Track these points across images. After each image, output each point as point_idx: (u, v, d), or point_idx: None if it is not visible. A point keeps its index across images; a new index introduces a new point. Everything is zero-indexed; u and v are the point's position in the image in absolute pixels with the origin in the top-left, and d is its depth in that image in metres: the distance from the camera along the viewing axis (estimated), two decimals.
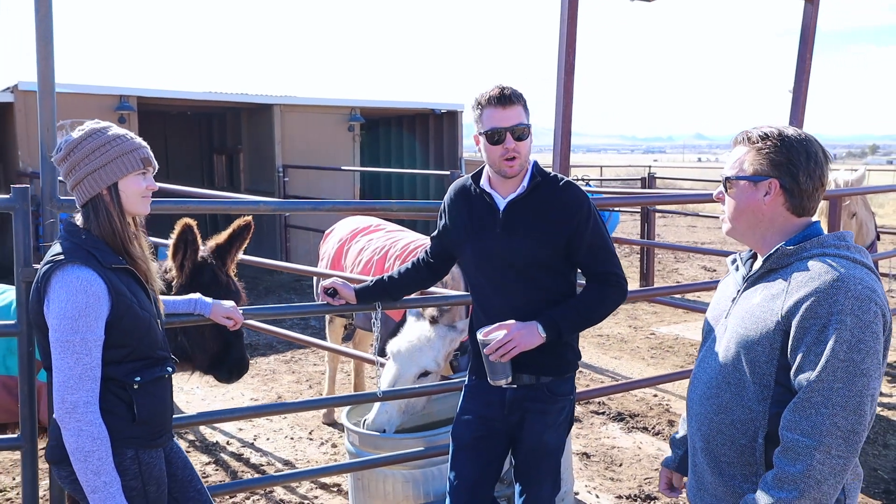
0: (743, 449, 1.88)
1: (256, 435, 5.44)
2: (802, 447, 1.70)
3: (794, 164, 1.88)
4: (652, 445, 5.28)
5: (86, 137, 2.17)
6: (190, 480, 2.45)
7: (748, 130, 1.98)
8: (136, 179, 2.22)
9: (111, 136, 2.18)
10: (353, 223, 5.57)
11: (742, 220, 1.97)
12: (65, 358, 2.04)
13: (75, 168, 2.16)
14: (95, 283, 2.07)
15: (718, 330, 2.02)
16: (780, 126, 1.95)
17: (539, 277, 2.66)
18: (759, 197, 1.92)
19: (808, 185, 1.89)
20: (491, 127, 2.56)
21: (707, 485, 1.98)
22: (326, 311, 3.12)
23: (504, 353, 2.52)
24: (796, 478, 1.71)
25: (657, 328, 8.73)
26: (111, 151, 2.16)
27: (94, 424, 2.06)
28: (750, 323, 1.87)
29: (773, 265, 1.89)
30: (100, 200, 2.18)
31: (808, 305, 1.74)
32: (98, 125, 2.21)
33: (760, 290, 1.90)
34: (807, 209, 1.93)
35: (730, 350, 1.92)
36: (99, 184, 2.16)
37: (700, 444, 1.99)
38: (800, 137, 1.91)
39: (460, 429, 2.85)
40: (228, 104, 12.18)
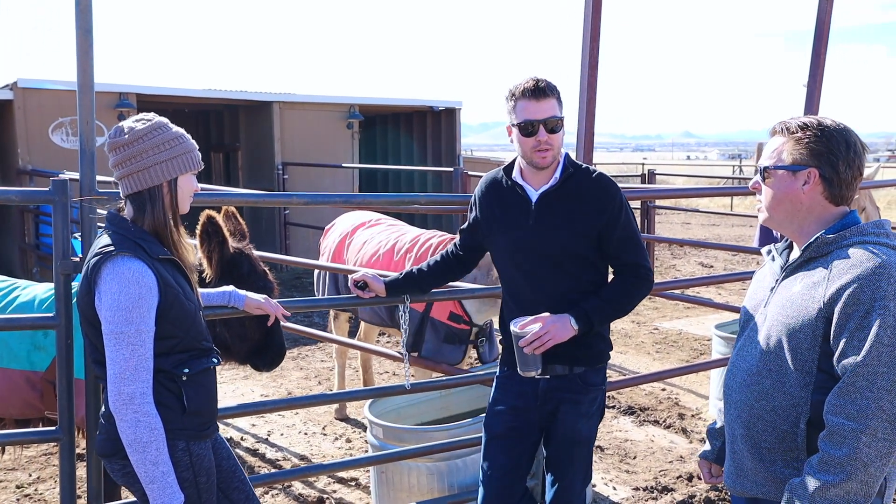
0: (784, 435, 1.90)
1: (270, 431, 5.44)
2: (848, 430, 1.73)
3: (833, 153, 1.90)
4: (664, 438, 5.32)
5: (155, 129, 2.19)
6: (234, 471, 2.46)
7: (786, 121, 1.99)
8: (192, 178, 2.27)
9: (178, 133, 2.23)
10: (354, 218, 5.60)
11: (780, 209, 1.99)
12: (120, 349, 2.04)
13: (138, 157, 2.16)
14: (146, 275, 2.08)
15: (758, 319, 2.04)
16: (819, 116, 1.98)
17: (571, 268, 2.68)
18: (797, 186, 1.94)
19: (847, 174, 1.91)
20: (524, 119, 2.58)
21: (747, 471, 2.00)
22: (357, 303, 3.14)
23: (539, 345, 2.54)
24: (842, 461, 1.73)
25: (660, 323, 8.78)
26: (178, 147, 2.20)
27: (151, 415, 2.07)
28: (791, 311, 1.89)
29: (813, 254, 1.91)
30: (158, 192, 2.19)
31: (850, 292, 1.77)
32: (163, 119, 2.24)
33: (800, 278, 1.92)
34: (845, 198, 1.95)
35: (771, 338, 1.94)
36: (163, 176, 2.18)
37: (740, 430, 2.00)
38: (839, 127, 1.93)
39: (493, 419, 2.87)
40: (227, 101, 12.14)
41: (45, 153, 9.82)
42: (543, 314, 2.59)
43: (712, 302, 7.06)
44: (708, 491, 4.40)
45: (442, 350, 4.41)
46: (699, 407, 5.93)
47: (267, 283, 3.13)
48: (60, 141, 10.05)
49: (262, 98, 11.88)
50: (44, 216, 9.40)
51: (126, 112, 10.18)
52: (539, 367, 2.61)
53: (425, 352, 4.48)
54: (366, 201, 3.32)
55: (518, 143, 2.64)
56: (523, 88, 2.59)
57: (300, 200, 3.01)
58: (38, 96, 9.84)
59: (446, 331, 4.36)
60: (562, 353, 2.64)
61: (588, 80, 3.43)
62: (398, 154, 14.60)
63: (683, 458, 4.97)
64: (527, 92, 2.58)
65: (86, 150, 2.55)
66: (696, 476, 4.63)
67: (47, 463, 4.73)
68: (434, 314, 4.40)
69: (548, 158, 2.62)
